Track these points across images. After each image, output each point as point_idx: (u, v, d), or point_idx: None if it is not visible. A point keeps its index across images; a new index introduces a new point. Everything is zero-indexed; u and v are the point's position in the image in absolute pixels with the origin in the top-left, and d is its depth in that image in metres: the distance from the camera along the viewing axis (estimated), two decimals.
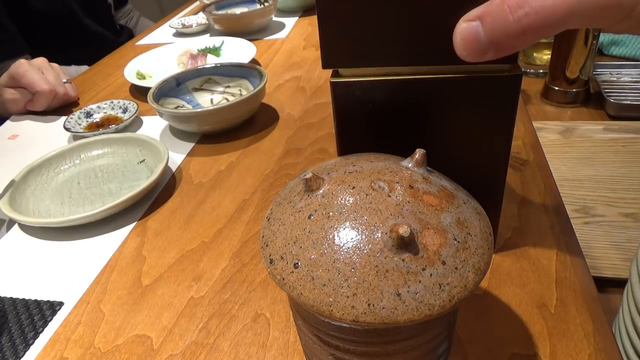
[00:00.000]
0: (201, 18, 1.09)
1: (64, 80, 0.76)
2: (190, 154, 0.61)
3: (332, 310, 0.18)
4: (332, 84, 0.31)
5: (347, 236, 0.19)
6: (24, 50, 0.99)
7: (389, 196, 0.21)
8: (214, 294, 0.40)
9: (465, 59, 0.22)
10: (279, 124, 0.66)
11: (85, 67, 1.09)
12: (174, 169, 0.58)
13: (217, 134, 0.64)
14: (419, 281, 0.19)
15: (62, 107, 0.77)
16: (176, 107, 0.67)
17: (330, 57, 0.31)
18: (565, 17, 0.19)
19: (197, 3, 1.32)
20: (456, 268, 0.20)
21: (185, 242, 0.46)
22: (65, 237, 0.49)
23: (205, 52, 0.90)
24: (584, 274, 0.38)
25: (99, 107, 0.71)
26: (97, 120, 0.70)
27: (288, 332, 0.36)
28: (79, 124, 0.68)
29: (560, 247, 0.40)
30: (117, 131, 0.65)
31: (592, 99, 0.94)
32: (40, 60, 0.76)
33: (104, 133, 0.63)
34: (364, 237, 0.19)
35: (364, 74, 0.32)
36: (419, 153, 0.25)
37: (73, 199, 0.54)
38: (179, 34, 1.07)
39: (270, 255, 0.21)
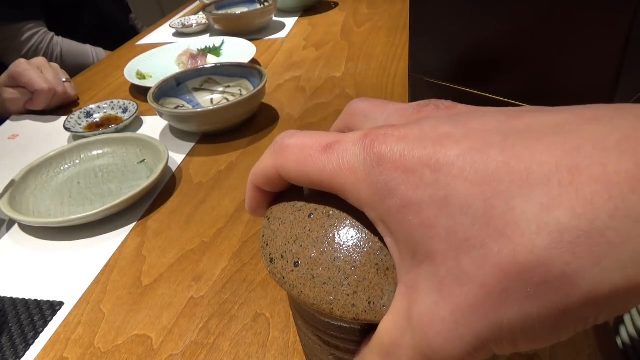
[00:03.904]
0: (201, 18, 1.09)
1: (63, 80, 0.76)
2: (190, 154, 0.61)
3: (332, 308, 0.18)
4: None
5: (347, 234, 0.19)
6: (39, 15, 1.05)
7: None
8: (214, 294, 0.40)
9: None
10: (279, 124, 0.65)
11: (100, 50, 1.12)
12: (174, 169, 0.58)
13: (217, 134, 0.64)
14: None
15: (62, 107, 0.77)
16: (176, 107, 0.67)
17: (417, 66, 0.39)
18: None
19: (197, 3, 1.32)
20: None
21: (185, 242, 0.46)
22: (65, 237, 0.49)
23: (205, 52, 0.90)
24: None
25: (99, 107, 0.71)
26: (97, 120, 0.70)
27: (288, 332, 0.36)
28: (79, 124, 0.68)
29: None
30: (117, 131, 0.65)
31: None
32: (40, 60, 0.76)
33: (104, 133, 0.63)
34: (364, 235, 0.19)
35: None
36: None
37: (73, 199, 0.54)
38: (179, 34, 1.07)
39: (270, 254, 0.21)
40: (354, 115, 0.21)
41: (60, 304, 0.41)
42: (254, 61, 0.82)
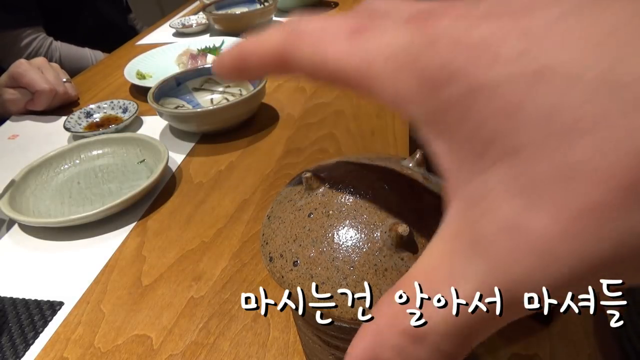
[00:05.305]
0: (201, 18, 1.09)
1: (64, 80, 0.76)
2: (190, 154, 0.61)
3: None
4: None
5: (346, 235, 0.19)
6: (37, 20, 1.05)
7: (389, 195, 0.21)
8: (214, 294, 0.40)
9: None
10: (279, 124, 0.65)
11: (99, 52, 1.12)
12: (174, 169, 0.58)
13: (217, 134, 0.64)
14: None
15: (62, 107, 0.77)
16: (176, 107, 0.67)
17: None
18: None
19: (197, 3, 1.32)
20: None
21: (185, 242, 0.46)
22: (65, 237, 0.49)
23: (205, 52, 0.90)
24: None
25: (99, 107, 0.71)
26: (97, 120, 0.70)
27: (288, 332, 0.36)
28: (79, 124, 0.68)
29: None
30: (117, 131, 0.65)
31: None
32: (40, 60, 0.76)
33: (104, 133, 0.63)
34: (363, 235, 0.19)
35: None
36: (419, 153, 0.25)
37: (73, 199, 0.54)
38: (179, 34, 1.07)
39: (269, 253, 0.21)
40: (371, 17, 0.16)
41: (60, 304, 0.41)
42: None
